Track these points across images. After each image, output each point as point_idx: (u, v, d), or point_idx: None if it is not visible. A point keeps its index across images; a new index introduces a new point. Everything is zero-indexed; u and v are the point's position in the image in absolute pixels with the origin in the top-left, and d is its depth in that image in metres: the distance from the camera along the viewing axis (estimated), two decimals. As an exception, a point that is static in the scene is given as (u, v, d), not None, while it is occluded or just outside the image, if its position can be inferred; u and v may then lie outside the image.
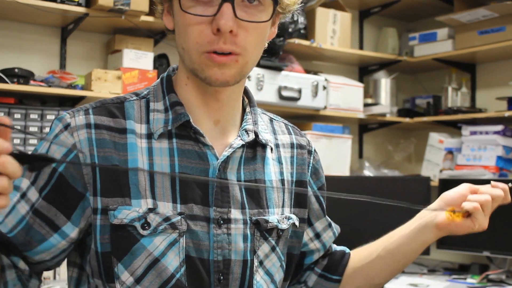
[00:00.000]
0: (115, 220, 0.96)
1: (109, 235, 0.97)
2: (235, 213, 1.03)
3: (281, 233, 1.09)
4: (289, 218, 1.11)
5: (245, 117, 1.10)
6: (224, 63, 0.97)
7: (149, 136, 1.02)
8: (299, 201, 1.16)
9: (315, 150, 1.22)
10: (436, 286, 2.83)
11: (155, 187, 0.99)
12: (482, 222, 1.14)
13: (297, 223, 1.14)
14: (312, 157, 1.20)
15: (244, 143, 1.06)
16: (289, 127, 1.21)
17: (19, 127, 2.48)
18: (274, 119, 1.20)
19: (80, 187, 0.98)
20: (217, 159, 1.03)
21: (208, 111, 1.05)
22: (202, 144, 1.03)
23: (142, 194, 0.98)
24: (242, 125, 1.08)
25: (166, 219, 0.97)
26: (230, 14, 0.94)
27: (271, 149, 1.12)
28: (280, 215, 1.10)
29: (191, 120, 1.02)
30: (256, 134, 1.08)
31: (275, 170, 1.12)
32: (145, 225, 0.97)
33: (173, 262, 0.98)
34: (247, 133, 1.07)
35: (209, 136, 1.03)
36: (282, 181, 1.13)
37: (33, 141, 2.50)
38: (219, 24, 0.94)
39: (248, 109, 1.12)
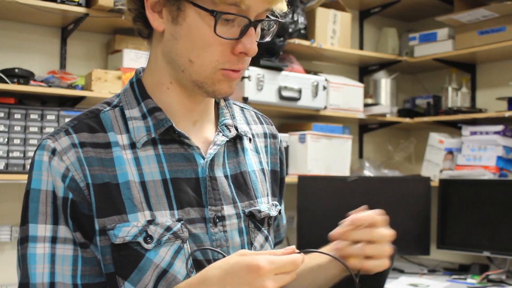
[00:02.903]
0: (117, 239, 0.95)
1: (111, 255, 0.96)
2: (228, 209, 1.04)
3: (271, 221, 1.12)
4: (276, 205, 1.15)
5: (221, 111, 1.11)
6: (236, 79, 1.00)
7: (132, 145, 1.00)
8: (273, 190, 1.18)
9: (281, 140, 1.24)
10: (436, 286, 2.83)
11: (149, 197, 0.98)
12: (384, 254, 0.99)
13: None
14: (281, 147, 1.23)
15: (227, 139, 1.07)
16: (259, 116, 1.23)
17: (19, 128, 2.48)
18: (245, 108, 1.21)
19: (87, 210, 0.96)
20: (204, 158, 1.03)
21: (187, 113, 1.05)
22: (187, 146, 1.03)
23: (138, 207, 0.96)
24: (221, 120, 1.09)
25: (168, 229, 0.97)
26: (255, 38, 0.97)
27: (249, 139, 1.13)
28: (267, 203, 1.12)
29: (174, 125, 1.01)
30: (236, 128, 1.09)
31: (254, 160, 1.14)
32: (148, 238, 0.95)
33: (181, 270, 0.97)
34: (228, 128, 1.08)
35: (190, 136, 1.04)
36: (263, 170, 1.15)
37: (33, 141, 2.49)
38: (248, 49, 0.96)
39: (222, 103, 1.13)
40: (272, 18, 1.00)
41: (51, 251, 0.94)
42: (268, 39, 1.03)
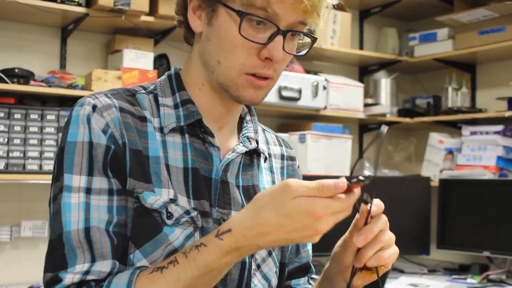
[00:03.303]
0: (147, 203, 0.96)
1: (132, 219, 0.96)
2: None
3: None
4: None
5: (245, 124, 1.13)
6: (261, 86, 1.00)
7: (161, 129, 1.02)
8: None
9: (299, 165, 1.26)
10: (436, 286, 2.83)
11: (171, 180, 0.99)
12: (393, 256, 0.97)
13: None
14: (299, 171, 1.25)
15: (247, 149, 1.08)
16: (280, 139, 1.25)
17: (19, 128, 2.48)
18: (266, 130, 1.23)
19: (124, 164, 0.97)
20: (220, 161, 1.04)
21: (215, 117, 1.07)
22: (208, 144, 1.04)
23: (164, 184, 0.98)
24: (243, 132, 1.11)
25: (187, 212, 0.98)
26: (282, 45, 0.97)
27: (265, 158, 1.14)
28: None
29: (203, 119, 1.03)
30: (257, 142, 1.11)
31: (267, 179, 1.14)
32: (168, 214, 0.97)
33: None
34: (249, 141, 1.10)
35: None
36: None
37: (33, 141, 2.49)
38: (273, 55, 0.97)
39: (248, 117, 1.15)
40: (304, 31, 1.00)
41: (86, 200, 0.94)
42: (303, 53, 1.05)
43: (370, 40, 3.88)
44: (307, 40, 1.03)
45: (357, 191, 0.86)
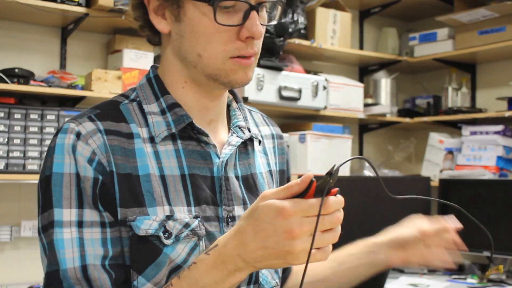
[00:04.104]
0: (141, 231, 0.94)
1: (128, 248, 0.94)
2: (238, 210, 1.04)
3: None
4: None
5: (233, 113, 1.12)
6: (249, 65, 1.00)
7: (152, 139, 1.00)
8: None
9: (286, 141, 1.25)
10: (436, 286, 2.83)
11: (169, 192, 0.97)
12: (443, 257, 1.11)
13: None
14: (286, 148, 1.25)
15: (242, 140, 1.07)
16: (265, 118, 1.24)
17: (19, 128, 2.48)
18: (252, 110, 1.22)
19: (113, 195, 0.95)
20: (219, 157, 1.04)
21: (203, 111, 1.06)
22: (204, 144, 1.03)
23: (158, 201, 0.96)
24: (233, 122, 1.10)
25: (186, 225, 0.97)
26: (258, 20, 0.97)
27: (259, 142, 1.14)
28: None
29: (194, 121, 1.02)
30: (249, 130, 1.10)
31: (262, 162, 1.14)
32: (166, 233, 0.95)
33: None
34: (242, 130, 1.09)
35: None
36: (270, 172, 1.16)
37: (33, 141, 2.49)
38: (253, 32, 0.96)
39: (234, 105, 1.14)
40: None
41: (79, 235, 0.92)
42: (274, 22, 1.05)
43: (370, 40, 3.88)
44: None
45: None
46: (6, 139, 2.44)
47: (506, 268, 3.04)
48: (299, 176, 0.86)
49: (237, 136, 1.08)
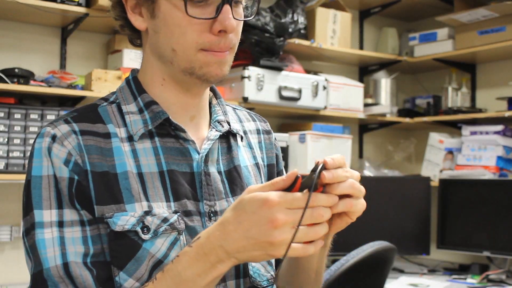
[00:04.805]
0: (117, 227, 0.95)
1: (108, 244, 0.95)
2: (221, 205, 1.04)
3: None
4: None
5: (213, 108, 1.13)
6: (222, 59, 1.00)
7: (130, 138, 1.02)
8: None
9: (275, 137, 1.26)
10: (436, 286, 2.83)
11: (146, 188, 0.98)
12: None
13: None
14: (276, 143, 1.25)
15: (220, 133, 1.08)
16: (252, 114, 1.25)
17: (19, 128, 2.48)
18: (237, 109, 1.23)
19: (89, 193, 0.97)
20: (199, 153, 1.04)
21: (184, 107, 1.07)
22: (182, 140, 1.04)
23: (136, 198, 0.97)
24: (213, 117, 1.11)
25: (164, 220, 0.97)
26: (231, 14, 0.97)
27: (241, 137, 1.15)
28: None
29: (170, 117, 1.03)
30: (229, 123, 1.11)
31: (247, 156, 1.15)
32: (144, 228, 0.96)
33: None
34: (221, 124, 1.10)
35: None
36: (257, 164, 1.16)
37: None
38: (226, 25, 0.97)
39: (214, 101, 1.15)
40: None
41: (59, 234, 0.94)
42: (251, 18, 1.05)
43: (370, 40, 3.88)
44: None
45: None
46: (6, 139, 2.44)
47: (506, 268, 3.04)
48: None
49: (216, 130, 1.08)
